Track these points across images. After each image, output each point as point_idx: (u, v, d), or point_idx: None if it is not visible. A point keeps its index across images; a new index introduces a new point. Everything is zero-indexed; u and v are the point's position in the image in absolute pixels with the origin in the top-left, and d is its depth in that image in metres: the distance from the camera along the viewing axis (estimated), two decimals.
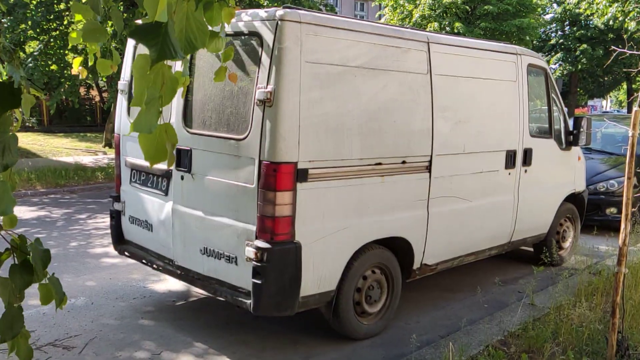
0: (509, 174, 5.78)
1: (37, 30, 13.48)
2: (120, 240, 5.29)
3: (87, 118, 25.22)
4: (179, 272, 4.64)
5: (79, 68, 2.32)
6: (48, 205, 10.01)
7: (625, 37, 14.72)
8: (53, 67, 14.73)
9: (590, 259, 6.26)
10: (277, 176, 3.85)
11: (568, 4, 20.18)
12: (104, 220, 8.66)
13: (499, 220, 5.80)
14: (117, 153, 5.27)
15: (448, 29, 19.75)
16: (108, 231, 7.64)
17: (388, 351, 4.47)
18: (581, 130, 6.53)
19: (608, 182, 8.73)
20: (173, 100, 4.48)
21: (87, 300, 5.33)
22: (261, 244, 3.90)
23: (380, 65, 4.42)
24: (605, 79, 33.78)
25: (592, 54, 26.90)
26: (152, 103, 1.35)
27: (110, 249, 6.65)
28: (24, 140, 17.44)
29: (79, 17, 2.23)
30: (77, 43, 2.15)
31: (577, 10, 22.36)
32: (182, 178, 4.50)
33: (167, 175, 4.67)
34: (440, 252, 5.14)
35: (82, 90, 22.03)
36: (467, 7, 20.25)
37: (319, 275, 4.15)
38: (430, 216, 4.92)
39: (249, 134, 3.97)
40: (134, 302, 5.33)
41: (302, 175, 3.95)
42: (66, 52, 14.87)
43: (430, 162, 4.85)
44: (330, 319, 4.46)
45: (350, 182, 4.27)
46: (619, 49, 4.47)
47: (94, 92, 24.91)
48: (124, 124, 5.19)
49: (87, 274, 6.01)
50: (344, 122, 4.18)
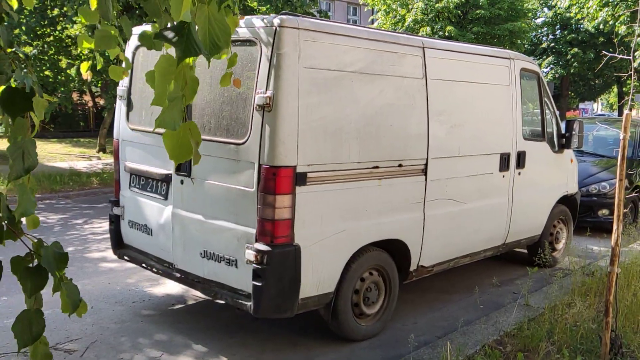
0: (503, 176, 5.87)
1: (31, 35, 13.50)
2: (119, 244, 5.33)
3: (80, 123, 25.18)
4: (178, 275, 4.68)
5: (86, 72, 2.38)
6: (44, 211, 10.01)
7: (615, 40, 14.90)
8: (47, 72, 14.74)
9: (583, 260, 6.35)
10: (276, 180, 3.91)
11: (559, 8, 20.40)
12: (101, 225, 8.69)
13: (494, 222, 5.89)
14: (116, 158, 5.32)
15: (441, 33, 19.92)
16: (105, 236, 7.69)
17: (386, 352, 4.54)
18: (573, 133, 6.64)
19: (600, 184, 8.85)
20: None
21: (87, 305, 5.35)
22: (261, 246, 3.96)
23: (376, 70, 4.50)
24: (596, 82, 34.09)
25: (583, 57, 27.18)
26: (176, 101, 1.41)
27: (108, 254, 6.69)
28: None
29: (84, 20, 2.29)
30: (87, 48, 2.20)
31: (567, 15, 22.61)
32: (182, 182, 4.55)
33: (166, 179, 4.72)
34: (436, 253, 5.21)
35: (75, 95, 22.00)
36: (459, 11, 20.42)
37: (318, 277, 4.20)
38: (427, 218, 5.00)
39: (248, 139, 4.03)
40: (133, 306, 5.37)
41: (301, 178, 4.01)
42: (60, 57, 14.89)
43: (426, 165, 4.93)
44: (328, 320, 4.52)
45: (348, 186, 4.34)
46: (610, 53, 4.57)
47: (86, 98, 24.89)
48: (122, 129, 5.23)
49: (85, 279, 6.04)
50: (341, 126, 4.25)
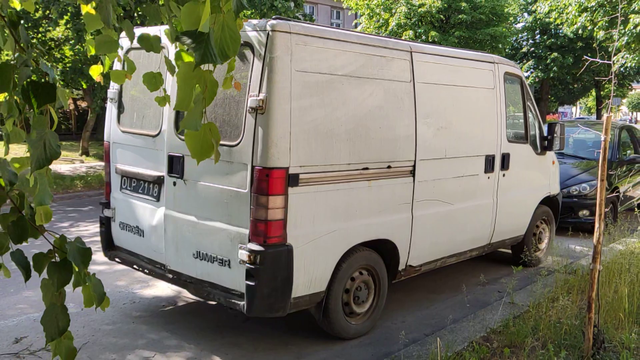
0: (488, 177, 6.00)
1: None
2: (110, 246, 5.36)
3: (61, 126, 24.93)
4: (171, 276, 4.73)
5: (97, 76, 2.42)
6: None
7: (594, 45, 15.22)
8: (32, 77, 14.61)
9: (565, 259, 6.52)
10: (269, 181, 3.99)
11: (539, 13, 20.73)
12: (87, 228, 8.66)
13: (479, 222, 6.02)
14: (107, 160, 5.34)
15: (424, 37, 20.13)
16: (92, 239, 7.67)
17: (376, 349, 4.63)
18: (555, 135, 6.81)
19: (580, 186, 9.05)
20: (165, 109, 4.61)
21: (77, 307, 5.34)
22: (254, 246, 4.02)
23: (366, 74, 4.60)
24: (575, 86, 34.66)
25: (562, 62, 27.62)
26: (197, 104, 1.49)
27: (97, 256, 6.67)
28: None
29: (91, 28, 2.34)
30: (96, 54, 2.26)
31: (547, 20, 22.98)
32: (175, 184, 4.60)
33: (158, 181, 4.76)
34: (424, 253, 5.32)
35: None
36: (441, 16, 20.66)
37: (309, 276, 4.28)
38: (415, 219, 5.10)
39: (241, 141, 4.09)
40: (123, 308, 5.39)
41: (293, 180, 4.09)
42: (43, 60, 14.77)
43: (414, 166, 5.04)
44: (320, 319, 4.60)
45: (338, 187, 4.43)
46: (589, 58, 4.73)
47: (68, 101, 24.66)
48: (113, 131, 5.26)
49: None
50: (332, 128, 4.34)
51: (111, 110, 5.29)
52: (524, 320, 4.79)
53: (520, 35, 30.17)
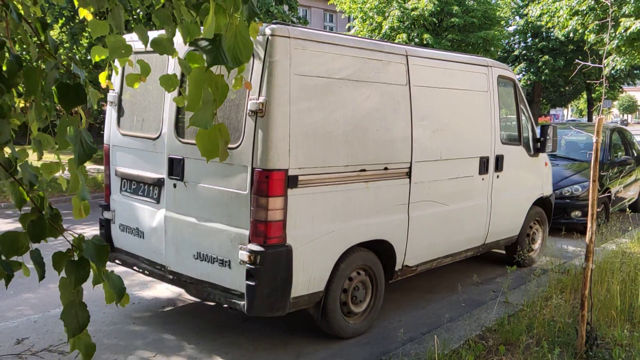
0: (482, 179, 6.10)
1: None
2: (110, 248, 5.38)
3: (55, 130, 24.84)
4: (171, 277, 4.78)
5: (106, 81, 2.49)
6: None
7: (585, 48, 15.40)
8: None
9: (558, 259, 6.62)
10: (269, 182, 4.06)
11: (530, 16, 20.94)
12: (84, 231, 8.69)
13: (474, 223, 6.12)
14: (107, 163, 5.40)
15: (417, 40, 20.28)
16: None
17: (374, 348, 4.70)
18: (547, 137, 6.92)
19: (573, 187, 9.18)
20: (165, 111, 4.67)
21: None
22: (254, 247, 4.09)
23: (363, 77, 4.69)
24: (566, 89, 34.96)
25: (554, 64, 27.88)
26: (208, 104, 1.57)
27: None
28: None
29: (94, 34, 2.41)
30: (101, 57, 2.33)
31: (539, 23, 23.22)
32: (175, 186, 4.66)
33: (158, 183, 4.82)
34: (420, 253, 5.41)
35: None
36: (434, 19, 20.82)
37: (308, 276, 4.35)
38: (411, 220, 5.19)
39: (241, 143, 4.17)
40: (123, 309, 5.44)
41: (292, 181, 4.16)
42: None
43: (410, 168, 5.12)
44: (318, 319, 4.66)
45: (337, 188, 4.51)
46: (580, 61, 4.83)
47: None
48: (113, 134, 5.32)
49: None
50: (330, 131, 4.42)
51: (111, 113, 5.35)
52: (519, 319, 4.88)
53: (512, 39, 30.43)
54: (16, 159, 1.77)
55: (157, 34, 2.44)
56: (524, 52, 29.92)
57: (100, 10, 2.30)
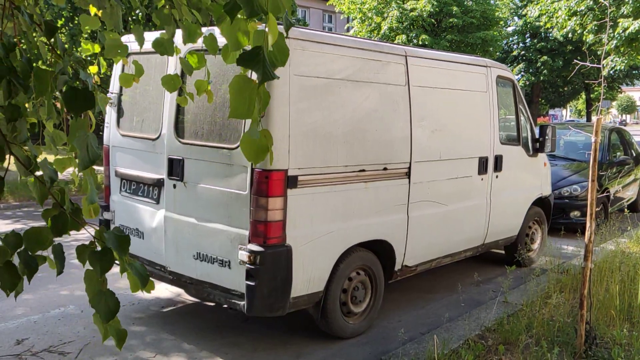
0: (481, 179, 6.11)
1: None
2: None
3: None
4: (171, 277, 4.79)
5: (94, 75, 2.50)
6: (23, 218, 9.96)
7: (583, 49, 15.43)
8: None
9: (558, 259, 6.63)
10: (268, 183, 4.07)
11: (529, 17, 20.98)
12: (83, 232, 8.66)
13: (473, 223, 6.13)
14: (106, 163, 5.40)
15: (415, 41, 20.30)
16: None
17: (374, 348, 4.71)
18: (546, 137, 6.93)
19: (571, 187, 9.19)
20: (165, 113, 4.68)
21: (77, 309, 5.41)
22: (254, 247, 4.10)
23: (362, 78, 4.70)
24: (565, 89, 35.00)
25: (553, 65, 27.93)
26: (254, 115, 1.61)
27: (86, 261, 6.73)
28: None
29: (85, 27, 2.43)
30: (92, 52, 2.35)
31: (537, 23, 23.26)
32: (175, 187, 4.67)
33: (158, 184, 4.83)
34: (419, 253, 5.41)
35: None
36: (433, 20, 20.85)
37: (308, 276, 4.36)
38: (410, 220, 5.20)
39: None
40: (123, 309, 5.44)
41: (292, 181, 4.17)
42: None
43: (409, 168, 5.13)
44: (318, 319, 4.67)
45: (336, 188, 4.52)
46: (579, 61, 4.85)
47: (59, 104, 24.55)
48: (113, 135, 5.33)
49: (73, 284, 6.07)
50: (330, 131, 4.43)
51: (110, 114, 5.35)
52: (518, 319, 4.89)
53: (510, 39, 30.48)
54: (35, 157, 1.82)
55: (157, 35, 2.45)
56: (523, 52, 29.97)
57: (100, 10, 2.31)
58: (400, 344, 4.53)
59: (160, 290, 5.92)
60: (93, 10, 2.41)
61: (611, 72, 16.66)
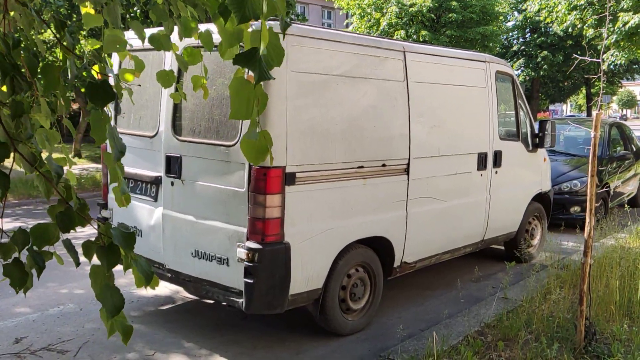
0: (480, 175, 6.09)
1: None
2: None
3: (53, 128, 24.80)
4: (169, 275, 4.78)
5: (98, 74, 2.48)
6: (22, 217, 9.95)
7: (583, 43, 15.38)
8: None
9: (557, 255, 6.62)
10: (266, 180, 4.05)
11: (529, 12, 20.92)
12: (82, 230, 8.63)
13: (473, 219, 6.11)
14: (104, 161, 5.39)
15: (415, 37, 20.26)
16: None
17: (373, 345, 4.70)
18: (546, 133, 6.91)
19: (571, 182, 9.17)
20: (162, 110, 4.66)
21: (76, 307, 5.41)
22: (252, 245, 4.08)
23: (360, 74, 4.67)
24: (565, 84, 34.95)
25: (553, 60, 27.86)
26: (253, 116, 1.62)
27: (93, 257, 6.73)
28: None
29: (86, 25, 2.41)
30: (94, 48, 2.33)
31: (537, 18, 23.17)
32: (172, 184, 4.66)
33: (156, 182, 4.82)
34: (418, 250, 5.40)
35: None
36: (432, 15, 20.81)
37: (307, 274, 4.35)
38: (409, 216, 5.18)
39: (238, 141, 4.15)
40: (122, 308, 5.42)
41: (290, 178, 4.16)
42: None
43: (408, 164, 5.11)
44: (317, 316, 4.66)
45: (334, 185, 4.50)
46: (579, 56, 4.82)
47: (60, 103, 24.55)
48: None
49: (72, 282, 6.07)
50: (328, 128, 4.41)
51: (108, 111, 5.32)
52: (518, 315, 4.88)
53: (510, 34, 30.41)
54: (40, 153, 1.84)
55: (155, 31, 2.44)
56: (523, 47, 29.90)
57: (97, 7, 2.29)
58: (399, 340, 4.52)
59: (159, 288, 5.91)
60: (85, 9, 2.39)
61: (611, 66, 16.62)
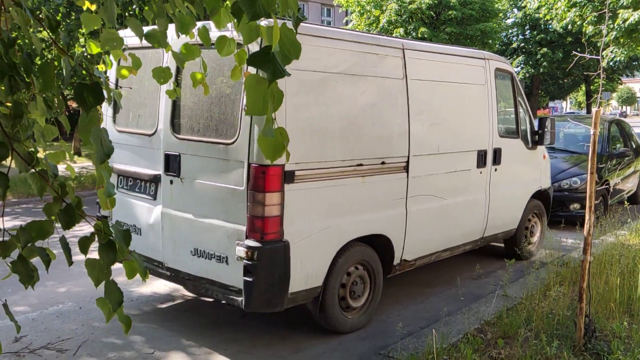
0: (480, 172, 6.09)
1: None
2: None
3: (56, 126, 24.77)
4: (168, 273, 4.77)
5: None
6: (22, 215, 9.95)
7: (583, 40, 15.36)
8: None
9: (557, 252, 6.62)
10: (265, 178, 4.04)
11: (528, 9, 20.91)
12: (81, 228, 8.57)
13: (472, 217, 6.10)
14: None
15: (414, 34, 20.23)
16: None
17: (373, 343, 4.70)
18: (546, 130, 6.90)
19: (571, 180, 9.16)
20: (161, 108, 4.65)
21: (75, 305, 5.40)
22: (252, 243, 4.08)
23: (359, 72, 4.66)
24: (565, 81, 34.94)
25: (552, 57, 27.85)
26: (268, 113, 1.63)
27: (92, 255, 6.71)
28: None
29: (89, 27, 2.40)
30: (97, 51, 2.34)
31: (537, 15, 23.18)
32: (171, 182, 4.65)
33: (155, 180, 4.81)
34: (418, 248, 5.40)
35: None
36: (432, 12, 20.78)
37: (306, 272, 4.34)
38: (409, 214, 5.17)
39: (237, 139, 4.14)
40: None
41: (289, 176, 4.15)
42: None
43: (407, 162, 5.11)
44: (316, 314, 4.66)
45: (333, 183, 4.49)
46: (579, 53, 4.81)
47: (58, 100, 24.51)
48: (109, 131, 5.29)
49: (71, 280, 6.06)
50: (327, 125, 4.40)
51: (107, 110, 5.32)
52: (517, 312, 4.88)
53: (510, 31, 30.39)
54: (36, 152, 1.87)
55: (151, 29, 2.43)
56: (522, 44, 29.89)
57: (94, 4, 2.29)
58: (399, 338, 4.51)
59: (158, 286, 5.91)
60: (86, 4, 2.38)
61: (611, 63, 16.61)
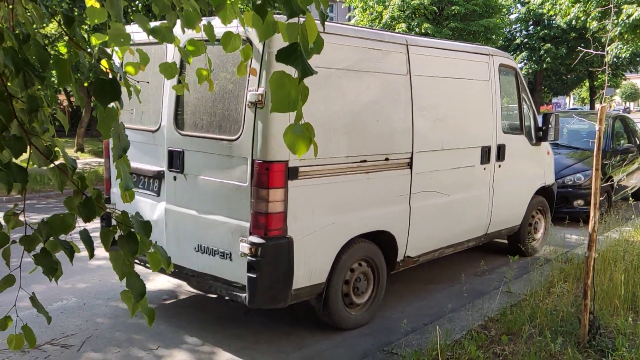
0: (484, 169, 6.07)
1: None
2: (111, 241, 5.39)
3: (55, 123, 24.80)
4: (172, 270, 4.76)
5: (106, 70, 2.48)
6: (26, 211, 9.92)
7: (587, 36, 15.30)
8: None
9: (561, 248, 6.60)
10: (269, 174, 4.03)
11: (532, 4, 20.80)
12: (85, 224, 8.69)
13: (476, 213, 6.09)
14: (107, 156, 5.38)
15: (417, 30, 20.17)
16: (92, 234, 7.71)
17: (376, 339, 4.70)
18: (549, 126, 6.88)
19: (575, 176, 9.14)
20: (164, 104, 4.65)
21: (79, 301, 5.42)
22: (255, 239, 4.07)
23: (363, 68, 4.64)
24: (569, 77, 34.81)
25: (556, 53, 27.75)
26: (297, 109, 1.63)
27: (97, 252, 6.68)
28: None
29: (90, 20, 2.40)
30: (99, 42, 2.34)
31: (540, 11, 23.04)
32: (175, 179, 4.64)
33: (158, 176, 4.80)
34: (422, 244, 5.39)
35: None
36: (435, 8, 20.72)
37: (309, 268, 4.34)
38: (412, 210, 5.16)
39: (241, 135, 4.14)
40: (124, 303, 5.43)
41: (292, 173, 4.14)
42: None
43: (411, 158, 5.09)
44: (320, 310, 4.66)
45: (337, 179, 4.48)
46: (583, 49, 4.79)
47: (61, 97, 24.58)
48: None
49: (75, 277, 6.08)
50: (331, 122, 4.39)
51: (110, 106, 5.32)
52: (521, 309, 4.87)
53: (513, 27, 30.29)
54: (55, 146, 1.88)
55: (157, 24, 2.42)
56: (526, 40, 29.78)
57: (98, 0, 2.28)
58: (403, 334, 4.51)
59: (162, 282, 5.92)
60: (90, 1, 2.38)
61: (615, 59, 16.53)
